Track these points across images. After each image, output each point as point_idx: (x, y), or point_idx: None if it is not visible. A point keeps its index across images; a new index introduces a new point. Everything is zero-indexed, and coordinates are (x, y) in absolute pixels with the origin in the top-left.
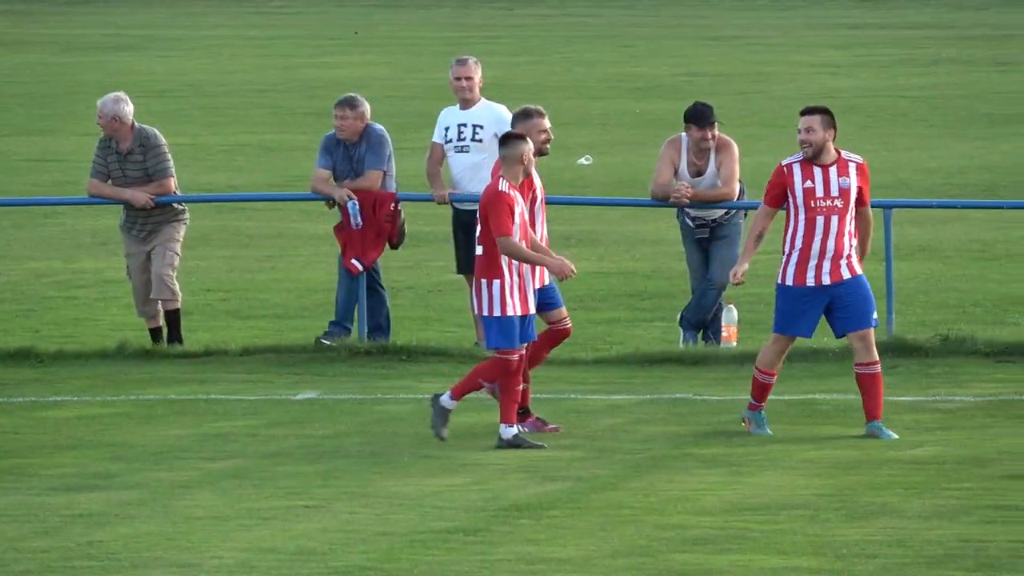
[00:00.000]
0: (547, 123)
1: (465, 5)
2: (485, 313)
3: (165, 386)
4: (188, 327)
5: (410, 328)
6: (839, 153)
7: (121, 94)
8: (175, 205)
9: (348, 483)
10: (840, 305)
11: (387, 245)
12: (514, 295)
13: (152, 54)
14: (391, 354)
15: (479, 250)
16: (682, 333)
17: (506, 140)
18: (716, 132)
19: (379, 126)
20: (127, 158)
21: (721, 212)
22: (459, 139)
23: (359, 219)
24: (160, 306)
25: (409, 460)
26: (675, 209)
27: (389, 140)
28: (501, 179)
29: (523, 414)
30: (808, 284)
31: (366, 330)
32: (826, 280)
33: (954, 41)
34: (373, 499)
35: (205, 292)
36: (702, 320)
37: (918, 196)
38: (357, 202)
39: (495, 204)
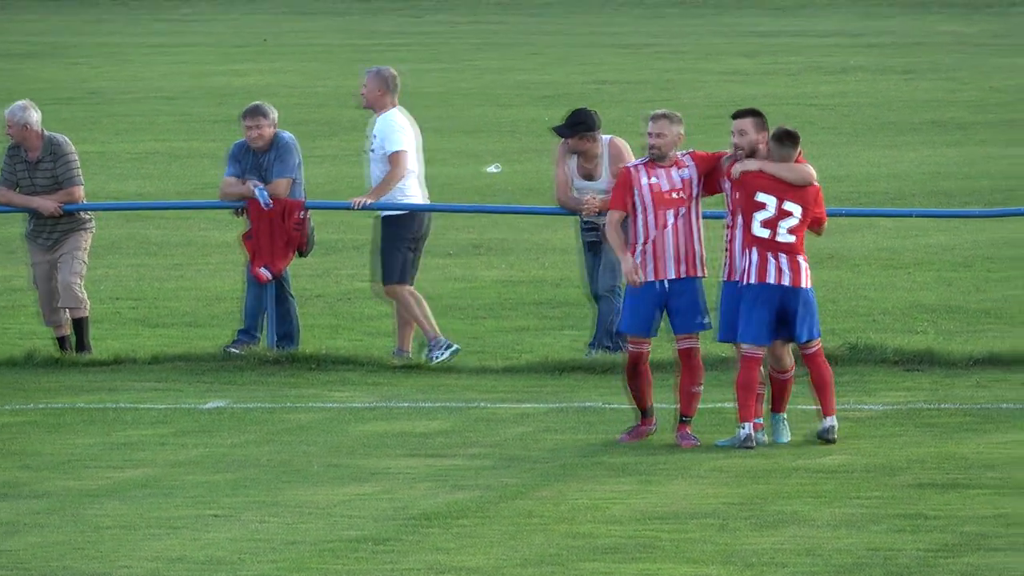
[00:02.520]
0: (650, 126)
1: (374, 13)
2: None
3: (73, 395)
4: (96, 335)
5: (319, 336)
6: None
7: (27, 102)
8: (81, 214)
9: (257, 492)
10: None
11: (296, 253)
12: None
13: (56, 61)
14: (300, 363)
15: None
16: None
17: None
18: (593, 137)
19: (288, 134)
20: (36, 166)
21: None
22: (369, 146)
23: (269, 201)
24: (67, 314)
25: (318, 469)
26: None
27: (298, 148)
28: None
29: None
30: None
31: (275, 339)
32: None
33: (862, 49)
34: (282, 508)
35: (114, 300)
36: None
37: (826, 204)
38: (264, 187)
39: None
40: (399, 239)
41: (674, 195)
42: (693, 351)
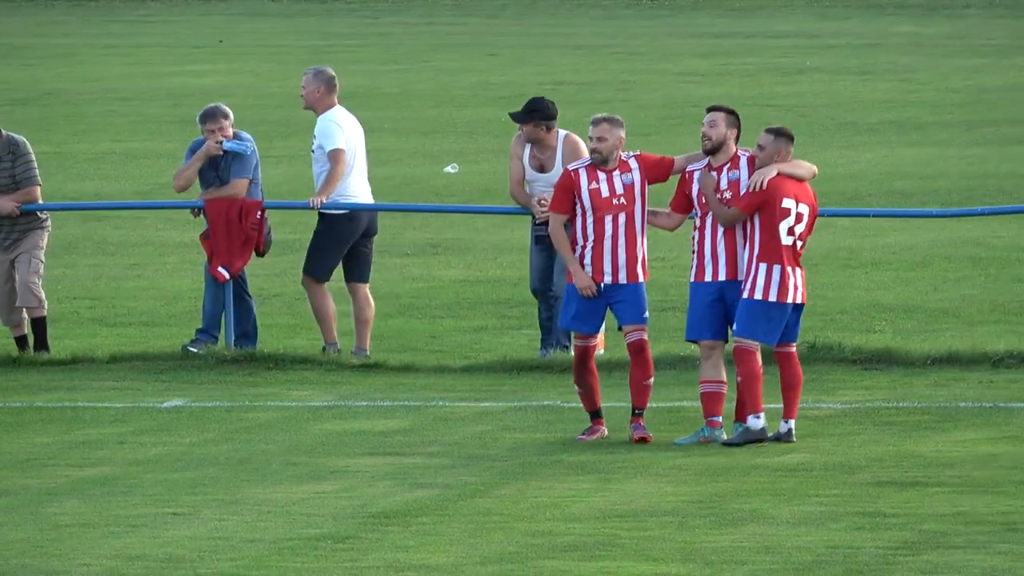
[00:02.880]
0: (591, 131)
1: (330, 14)
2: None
3: (32, 394)
4: (55, 335)
5: (277, 336)
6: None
7: None
8: (39, 214)
9: (216, 490)
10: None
11: (253, 253)
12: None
13: (12, 62)
14: (258, 362)
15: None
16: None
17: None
18: (548, 127)
19: (247, 135)
20: None
21: None
22: (311, 148)
23: (246, 145)
24: (25, 314)
25: (277, 467)
26: None
27: (256, 149)
28: None
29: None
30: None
31: (233, 338)
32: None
33: (819, 50)
34: (241, 506)
35: (72, 300)
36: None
37: None
38: (228, 140)
39: None
40: (329, 237)
41: (615, 201)
42: (641, 343)
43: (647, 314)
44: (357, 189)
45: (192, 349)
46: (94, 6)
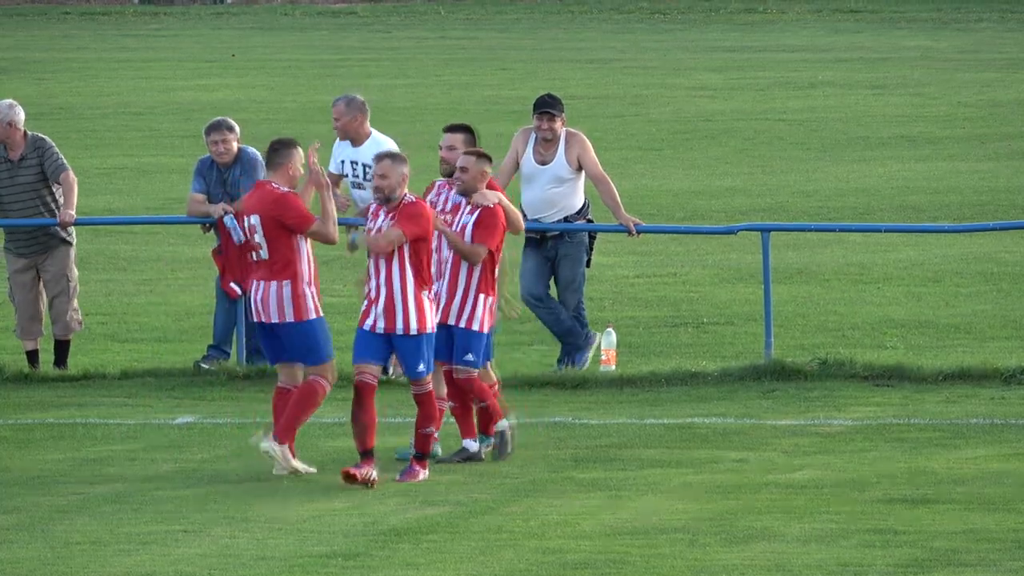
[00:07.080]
0: (374, 168)
1: (342, 28)
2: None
3: (43, 410)
4: None
5: None
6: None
7: (12, 101)
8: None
9: (227, 508)
10: None
11: None
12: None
13: (24, 77)
14: (270, 378)
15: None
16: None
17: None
18: (559, 124)
19: (253, 150)
20: (19, 164)
21: (559, 219)
22: (353, 175)
23: (240, 234)
24: (41, 329)
25: (288, 484)
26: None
27: (263, 163)
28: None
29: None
30: None
31: (244, 354)
32: None
33: (831, 64)
34: (252, 524)
35: (84, 316)
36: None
37: (796, 219)
38: (235, 215)
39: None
40: None
41: None
42: (418, 396)
43: (424, 367)
44: None
45: (204, 365)
46: (106, 20)
